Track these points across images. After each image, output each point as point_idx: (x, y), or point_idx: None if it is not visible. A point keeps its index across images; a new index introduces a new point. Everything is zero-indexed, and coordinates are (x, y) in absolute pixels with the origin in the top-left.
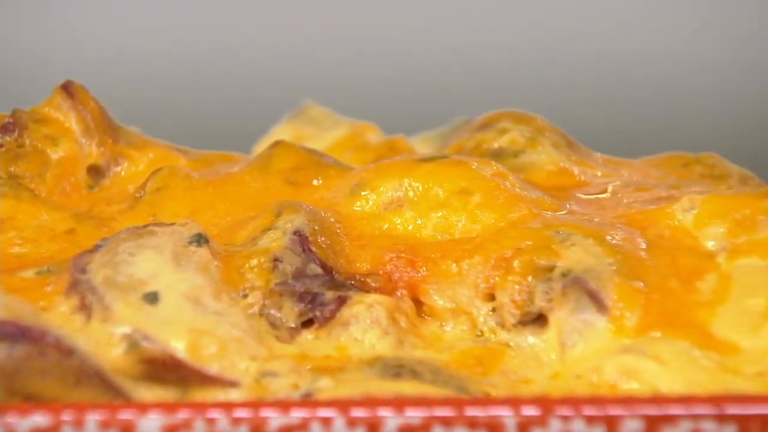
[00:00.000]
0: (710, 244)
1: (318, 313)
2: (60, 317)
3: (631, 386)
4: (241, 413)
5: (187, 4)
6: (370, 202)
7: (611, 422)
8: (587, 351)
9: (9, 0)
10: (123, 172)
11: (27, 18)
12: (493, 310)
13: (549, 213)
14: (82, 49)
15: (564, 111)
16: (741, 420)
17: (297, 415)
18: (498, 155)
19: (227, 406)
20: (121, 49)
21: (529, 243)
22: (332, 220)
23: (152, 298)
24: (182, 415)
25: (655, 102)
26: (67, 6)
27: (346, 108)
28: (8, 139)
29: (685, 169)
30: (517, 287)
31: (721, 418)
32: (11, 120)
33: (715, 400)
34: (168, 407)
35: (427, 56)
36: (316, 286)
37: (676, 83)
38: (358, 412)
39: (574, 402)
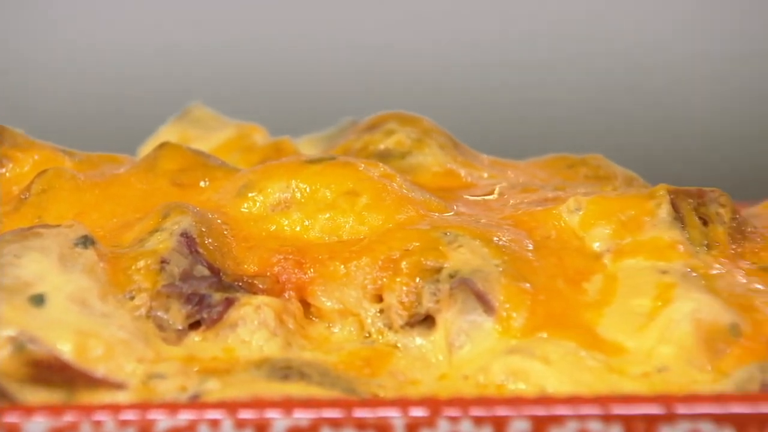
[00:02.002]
0: (596, 245)
1: (205, 315)
2: None
3: (518, 387)
4: (128, 415)
5: (72, 6)
6: (258, 204)
7: (498, 423)
8: (475, 352)
9: None
10: (8, 174)
11: None
12: (381, 311)
13: (436, 214)
14: None
15: (449, 112)
16: (626, 420)
17: (184, 417)
18: (385, 157)
19: (114, 409)
20: (3, 50)
21: (417, 244)
22: (219, 221)
23: (38, 300)
24: (68, 417)
25: (540, 104)
26: None
27: (231, 109)
28: None
29: (570, 171)
30: (404, 288)
31: (607, 418)
32: None
33: (601, 400)
34: (54, 410)
35: (311, 57)
36: (204, 287)
37: (558, 85)
38: (245, 414)
39: (462, 403)
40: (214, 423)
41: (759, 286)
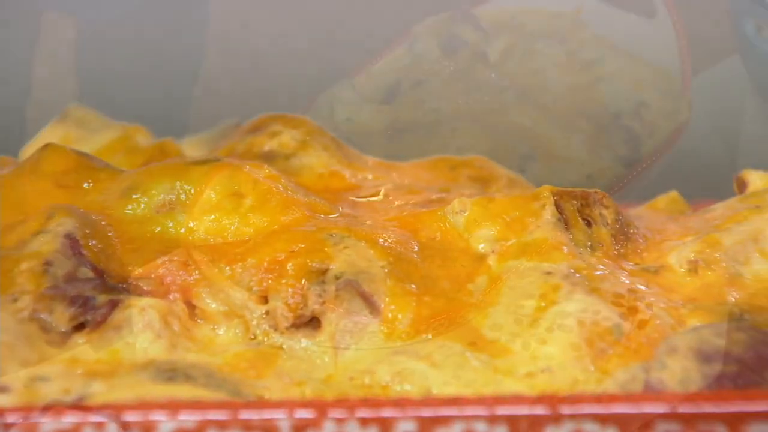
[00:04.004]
0: (481, 247)
1: (90, 317)
2: None
3: (404, 388)
4: (12, 419)
5: None
6: (142, 205)
7: (385, 424)
8: (360, 353)
9: None
10: None
11: None
12: (267, 313)
13: (321, 216)
14: None
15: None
16: (511, 420)
17: (69, 420)
18: (269, 158)
19: None
20: None
21: (302, 246)
22: (104, 223)
23: None
24: None
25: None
26: None
27: (113, 110)
28: None
29: (453, 172)
30: (290, 290)
31: (492, 419)
32: None
33: (486, 401)
34: None
35: (195, 58)
36: (88, 289)
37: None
38: (131, 417)
39: (348, 404)
40: (99, 426)
41: (641, 287)
